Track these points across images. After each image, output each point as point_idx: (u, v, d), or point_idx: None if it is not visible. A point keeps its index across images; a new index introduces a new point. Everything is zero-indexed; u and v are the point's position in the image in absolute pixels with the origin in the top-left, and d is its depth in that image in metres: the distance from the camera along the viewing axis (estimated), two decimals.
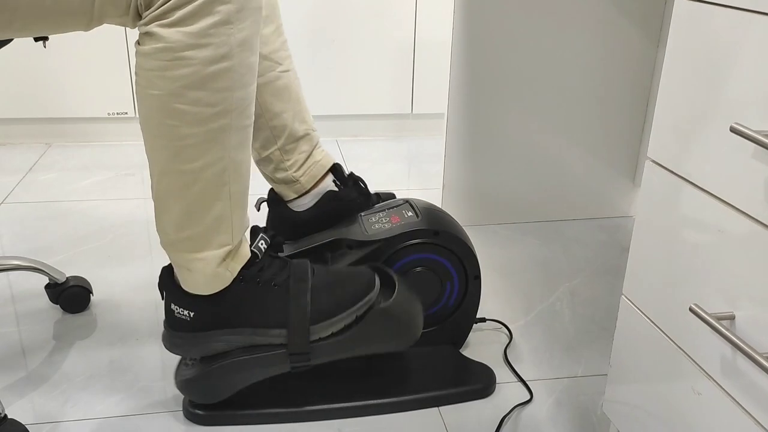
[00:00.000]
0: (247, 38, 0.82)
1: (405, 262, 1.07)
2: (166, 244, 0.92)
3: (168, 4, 0.79)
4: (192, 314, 0.93)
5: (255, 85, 0.87)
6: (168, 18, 0.79)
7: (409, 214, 1.10)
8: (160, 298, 0.96)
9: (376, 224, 1.09)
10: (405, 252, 1.06)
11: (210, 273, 0.90)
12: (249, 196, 0.93)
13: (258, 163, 1.14)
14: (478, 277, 1.11)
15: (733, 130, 0.58)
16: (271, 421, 1.00)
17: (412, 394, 1.04)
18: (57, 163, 2.00)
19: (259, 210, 1.18)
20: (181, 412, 1.01)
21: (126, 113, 2.13)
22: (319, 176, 1.13)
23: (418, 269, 1.08)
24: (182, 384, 0.99)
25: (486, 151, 1.59)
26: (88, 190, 1.82)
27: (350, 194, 1.13)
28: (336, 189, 1.13)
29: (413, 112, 2.27)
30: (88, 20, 0.82)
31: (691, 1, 0.66)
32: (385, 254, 1.06)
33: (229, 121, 0.84)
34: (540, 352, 1.18)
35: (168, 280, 0.94)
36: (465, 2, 1.45)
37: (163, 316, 0.96)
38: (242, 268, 0.93)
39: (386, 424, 1.00)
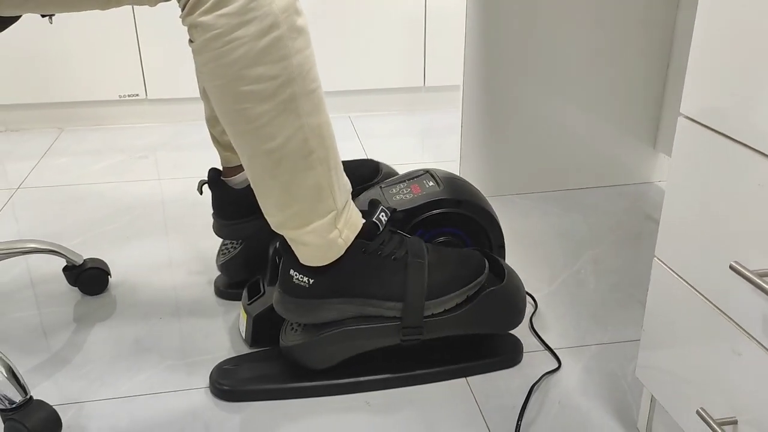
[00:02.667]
0: (289, 2, 0.81)
1: (431, 232, 1.05)
2: (276, 226, 0.92)
3: None
4: (312, 281, 0.93)
5: (311, 47, 0.85)
6: (206, 3, 0.78)
7: (431, 183, 1.09)
8: (275, 263, 0.96)
9: (397, 195, 1.08)
10: (428, 222, 1.05)
11: (323, 243, 0.91)
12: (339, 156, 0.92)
13: (208, 121, 1.13)
14: (502, 246, 1.09)
15: None
16: (298, 395, 0.99)
17: (440, 365, 1.03)
18: (70, 147, 1.99)
19: (201, 193, 1.18)
20: (208, 388, 1.00)
21: (137, 95, 2.11)
22: None
23: (442, 239, 1.06)
24: (289, 350, 0.99)
25: (502, 121, 1.57)
26: (102, 173, 1.81)
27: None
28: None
29: (425, 85, 2.25)
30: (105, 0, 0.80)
31: None
32: (408, 225, 1.04)
33: (295, 89, 0.83)
34: (566, 320, 1.16)
35: (289, 247, 0.94)
36: None
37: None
38: (365, 239, 0.93)
39: (414, 396, 0.99)
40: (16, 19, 0.97)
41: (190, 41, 0.82)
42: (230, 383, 0.99)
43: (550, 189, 1.65)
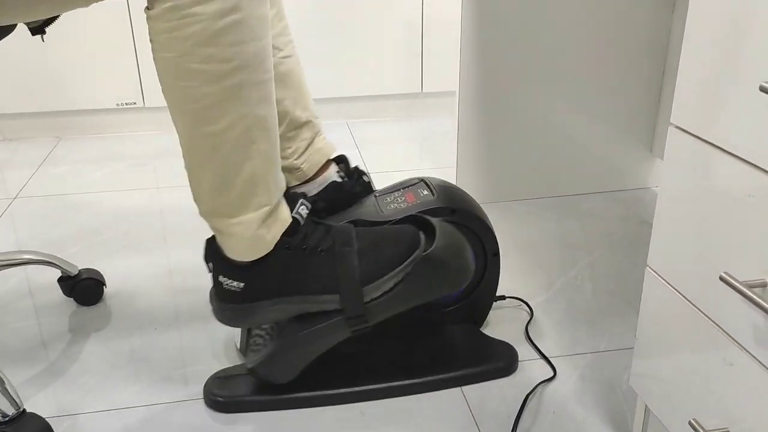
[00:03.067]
0: None
1: None
2: (204, 214, 0.91)
3: None
4: (241, 285, 0.92)
5: (269, 38, 0.84)
6: None
7: (425, 192, 1.09)
8: (207, 270, 0.95)
9: (392, 204, 1.07)
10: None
11: (250, 236, 0.89)
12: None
13: None
14: (496, 255, 1.09)
15: (763, 89, 0.55)
16: (293, 405, 0.99)
17: (434, 374, 1.02)
18: (68, 156, 1.99)
19: None
20: (203, 399, 1.00)
21: (135, 103, 2.12)
22: (321, 164, 1.11)
23: None
24: (252, 371, 0.98)
25: (499, 127, 1.57)
26: (100, 181, 1.81)
27: (354, 187, 1.12)
28: (340, 180, 1.11)
29: (423, 90, 2.25)
30: None
31: None
32: None
33: (246, 76, 0.82)
34: (561, 328, 1.16)
35: (214, 251, 0.93)
36: None
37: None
38: (286, 235, 0.92)
39: (409, 405, 0.99)
40: (10, 31, 0.97)
41: (147, 8, 0.80)
42: (225, 394, 0.99)
43: (546, 195, 1.65)
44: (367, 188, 1.14)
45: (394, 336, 1.06)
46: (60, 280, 1.25)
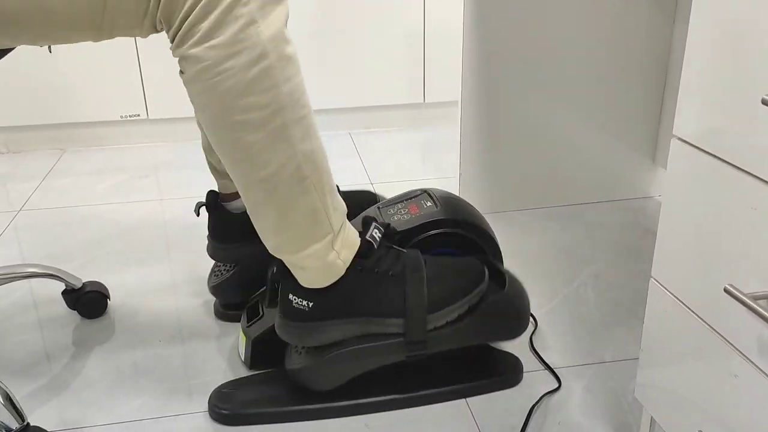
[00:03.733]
0: (277, 32, 0.82)
1: (429, 253, 1.05)
2: (274, 250, 0.93)
3: (189, 19, 0.78)
4: (311, 304, 0.94)
5: (301, 74, 0.86)
6: (195, 35, 0.79)
7: (428, 203, 1.09)
8: (273, 286, 0.97)
9: (395, 215, 1.08)
10: (426, 243, 1.05)
11: (322, 266, 0.91)
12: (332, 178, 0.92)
13: (206, 149, 1.14)
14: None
15: (765, 102, 0.55)
16: (297, 418, 0.99)
17: (439, 387, 1.02)
18: (72, 168, 2.00)
19: (198, 215, 1.18)
20: (207, 412, 1.00)
21: (138, 115, 2.12)
22: None
23: None
24: (295, 373, 0.99)
25: (501, 136, 1.57)
26: (103, 193, 1.82)
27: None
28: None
29: (425, 101, 2.25)
30: (97, 33, 0.81)
31: None
32: (406, 245, 1.04)
33: (286, 116, 0.84)
34: (566, 338, 1.16)
35: (288, 271, 0.94)
36: None
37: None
38: (360, 257, 0.94)
39: (414, 417, 0.99)
40: (10, 50, 0.98)
41: (181, 72, 0.83)
42: (229, 407, 0.99)
43: (550, 204, 1.65)
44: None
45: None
46: (64, 293, 1.25)
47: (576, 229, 1.54)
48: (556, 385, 1.04)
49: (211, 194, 1.16)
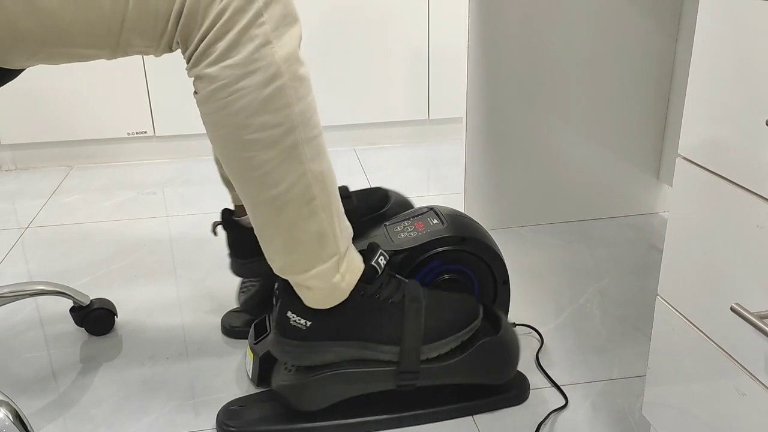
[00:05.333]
0: (291, 52, 0.83)
1: (433, 270, 1.06)
2: (279, 270, 0.93)
3: (207, 39, 0.79)
4: (309, 324, 0.94)
5: (312, 95, 0.87)
6: (211, 55, 0.80)
7: (434, 221, 1.09)
8: (273, 303, 0.96)
9: (402, 233, 1.08)
10: (433, 260, 1.05)
11: (327, 287, 0.92)
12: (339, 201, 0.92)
13: (217, 162, 1.15)
14: (506, 282, 1.10)
15: None
16: None
17: (446, 404, 1.02)
18: (79, 185, 2.01)
19: (216, 234, 1.19)
20: (215, 429, 1.00)
21: (145, 132, 2.14)
22: None
23: (447, 276, 1.06)
24: (282, 389, 0.99)
25: (506, 153, 1.58)
26: (111, 210, 1.83)
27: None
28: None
29: (430, 117, 2.26)
30: (112, 51, 0.82)
31: None
32: (412, 263, 1.04)
33: (297, 136, 0.85)
34: (572, 355, 1.16)
35: (290, 289, 0.95)
36: (479, 5, 1.44)
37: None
38: (364, 282, 0.94)
39: None
40: (21, 70, 0.99)
41: (195, 92, 0.84)
42: (237, 424, 0.99)
43: (555, 221, 1.65)
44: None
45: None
46: (72, 310, 1.25)
47: (581, 245, 1.54)
48: (563, 403, 1.04)
49: (226, 212, 1.16)
